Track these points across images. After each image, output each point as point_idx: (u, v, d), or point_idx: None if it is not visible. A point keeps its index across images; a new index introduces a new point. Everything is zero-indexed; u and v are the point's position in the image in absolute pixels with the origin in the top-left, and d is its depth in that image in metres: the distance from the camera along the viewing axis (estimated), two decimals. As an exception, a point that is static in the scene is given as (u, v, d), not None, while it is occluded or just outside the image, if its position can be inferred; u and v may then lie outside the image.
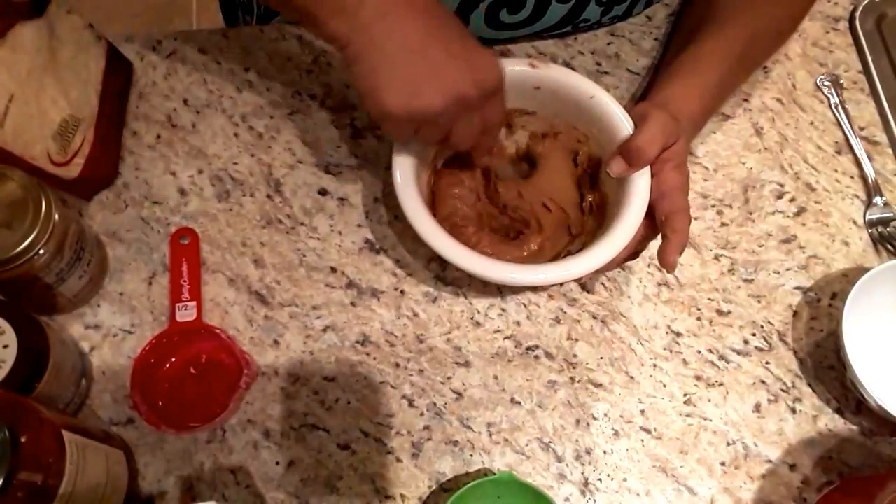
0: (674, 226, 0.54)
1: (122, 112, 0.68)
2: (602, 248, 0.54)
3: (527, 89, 0.59)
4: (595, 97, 0.58)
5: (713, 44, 0.62)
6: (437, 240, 0.54)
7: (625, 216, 0.54)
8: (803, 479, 0.57)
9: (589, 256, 0.54)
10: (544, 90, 0.59)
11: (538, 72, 0.59)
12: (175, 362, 0.59)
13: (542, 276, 0.54)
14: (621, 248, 0.54)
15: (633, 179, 0.55)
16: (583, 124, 0.60)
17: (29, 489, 0.41)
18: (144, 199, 0.66)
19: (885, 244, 0.65)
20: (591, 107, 0.58)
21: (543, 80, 0.59)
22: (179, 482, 0.56)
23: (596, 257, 0.53)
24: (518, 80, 0.58)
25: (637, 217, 0.54)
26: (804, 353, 0.61)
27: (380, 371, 0.60)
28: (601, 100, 0.58)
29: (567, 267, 0.54)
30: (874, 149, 0.68)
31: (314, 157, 0.67)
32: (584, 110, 0.59)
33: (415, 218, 0.54)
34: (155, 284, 0.62)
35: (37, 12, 0.57)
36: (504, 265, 0.54)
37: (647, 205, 0.55)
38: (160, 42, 0.72)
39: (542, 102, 0.61)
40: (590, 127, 0.60)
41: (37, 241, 0.52)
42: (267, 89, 0.70)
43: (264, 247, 0.64)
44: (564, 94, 0.59)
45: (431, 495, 0.56)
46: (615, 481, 0.57)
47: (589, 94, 0.58)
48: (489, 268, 0.54)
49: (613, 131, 0.57)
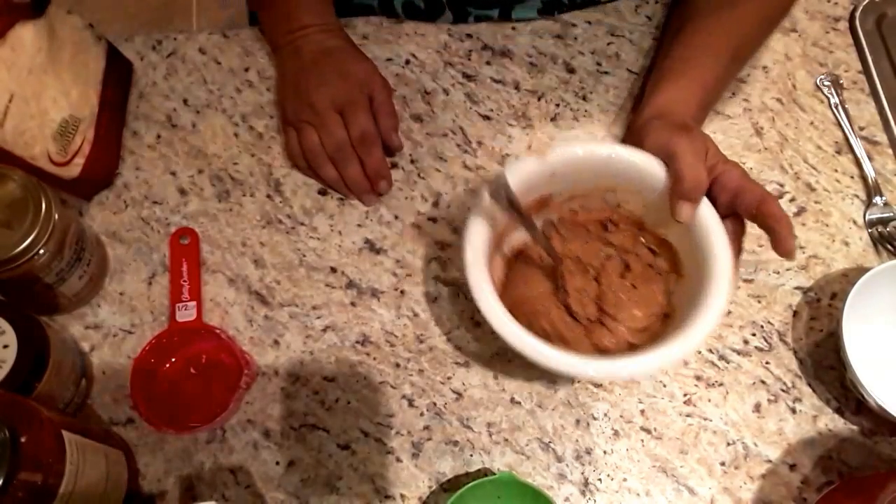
0: (768, 212, 0.51)
1: (122, 112, 0.68)
2: (711, 304, 0.50)
3: (543, 179, 0.56)
4: (613, 154, 0.55)
5: (701, 39, 0.61)
6: (506, 327, 0.50)
7: (713, 256, 0.51)
8: (803, 479, 0.57)
9: (704, 317, 0.49)
10: (559, 174, 0.56)
11: (549, 160, 0.55)
12: (175, 362, 0.59)
13: (653, 361, 0.49)
14: (728, 294, 0.50)
15: (699, 213, 0.53)
16: (606, 181, 0.57)
17: (29, 489, 0.41)
18: (144, 199, 0.66)
19: (885, 244, 0.65)
20: (610, 165, 0.55)
21: (555, 164, 0.55)
22: (179, 482, 0.56)
23: (710, 316, 0.49)
24: (532, 174, 0.54)
25: (725, 250, 0.51)
26: (804, 353, 0.61)
27: (380, 371, 0.60)
28: (620, 155, 0.55)
29: (681, 342, 0.49)
30: (874, 149, 0.68)
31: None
32: (605, 173, 0.56)
33: (482, 300, 0.50)
34: (155, 284, 0.62)
35: (37, 12, 0.57)
36: (600, 360, 0.50)
37: (719, 215, 0.52)
38: (160, 42, 0.72)
39: (562, 181, 0.57)
40: (615, 182, 0.57)
41: (37, 241, 0.52)
42: (267, 89, 0.70)
43: (264, 247, 0.64)
44: (581, 167, 0.56)
45: (431, 495, 0.56)
46: (615, 481, 0.57)
47: (606, 155, 0.55)
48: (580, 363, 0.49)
49: (644, 178, 0.55)
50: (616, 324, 0.55)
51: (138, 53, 0.71)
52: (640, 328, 0.55)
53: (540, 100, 0.70)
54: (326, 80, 0.65)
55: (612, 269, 0.58)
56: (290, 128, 0.66)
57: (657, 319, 0.56)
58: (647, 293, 0.56)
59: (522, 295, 0.57)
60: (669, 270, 0.57)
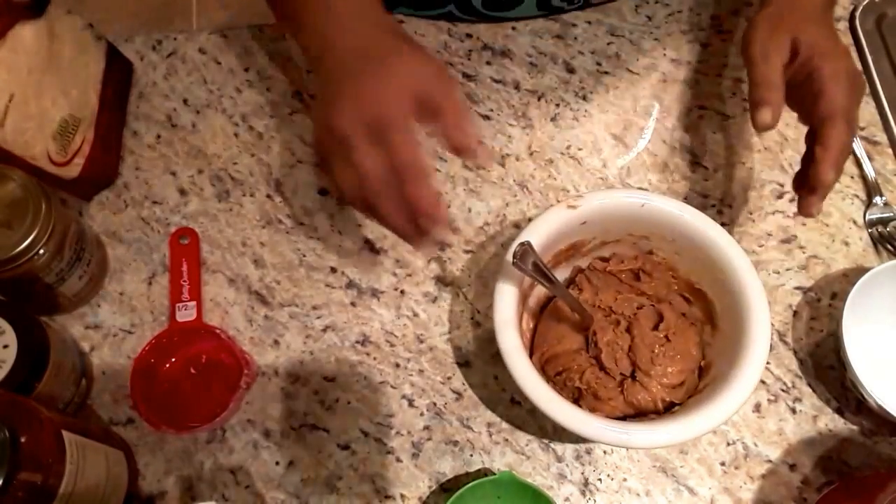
0: (824, 138, 0.45)
1: (122, 112, 0.68)
2: (751, 359, 0.49)
3: (574, 228, 0.55)
4: (645, 204, 0.54)
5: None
6: (538, 393, 0.49)
7: (749, 308, 0.50)
8: (803, 479, 0.57)
9: (744, 374, 0.48)
10: (590, 223, 0.55)
11: (580, 210, 0.54)
12: (175, 362, 0.59)
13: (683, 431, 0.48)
14: (766, 350, 0.49)
15: (735, 267, 0.51)
16: (638, 229, 0.57)
17: (29, 489, 0.41)
18: (144, 199, 0.66)
19: (885, 244, 0.65)
20: (643, 213, 0.54)
21: (586, 214, 0.54)
22: (179, 482, 0.56)
23: (750, 373, 0.48)
24: (563, 223, 0.54)
25: (762, 301, 0.50)
26: (804, 353, 0.61)
27: (380, 371, 0.60)
28: (652, 203, 0.54)
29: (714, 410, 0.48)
30: (874, 149, 0.68)
31: (314, 157, 0.67)
32: (638, 221, 0.55)
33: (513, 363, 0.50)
34: (155, 284, 0.62)
35: (37, 12, 0.57)
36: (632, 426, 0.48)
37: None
38: (160, 42, 0.72)
39: (593, 229, 0.57)
40: (648, 230, 0.56)
41: (37, 241, 0.52)
42: (267, 89, 0.70)
43: (264, 247, 0.64)
44: (614, 215, 0.55)
45: (431, 495, 0.56)
46: (615, 481, 0.57)
47: (639, 205, 0.54)
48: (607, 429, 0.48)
49: (676, 227, 0.54)
50: (649, 380, 0.54)
51: (138, 53, 0.71)
52: (674, 384, 0.54)
53: (540, 100, 0.70)
54: (352, 90, 0.47)
55: (644, 320, 0.56)
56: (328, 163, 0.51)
57: (692, 374, 0.55)
58: (682, 346, 0.55)
59: (553, 352, 0.57)
60: (704, 321, 0.57)
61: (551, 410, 0.48)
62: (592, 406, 0.54)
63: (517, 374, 0.49)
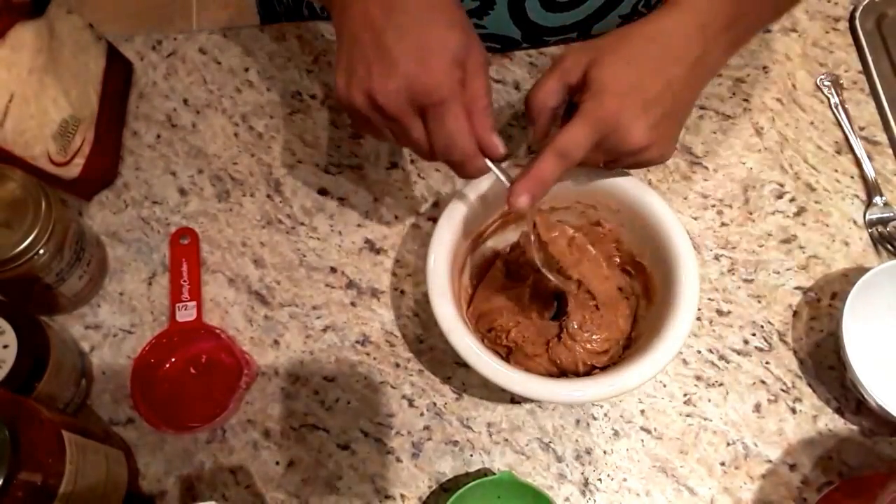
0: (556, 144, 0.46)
1: (122, 112, 0.68)
2: (673, 333, 0.50)
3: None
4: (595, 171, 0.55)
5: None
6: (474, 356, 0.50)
7: (681, 284, 0.51)
8: (803, 479, 0.57)
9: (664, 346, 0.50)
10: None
11: None
12: (175, 362, 0.59)
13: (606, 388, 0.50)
14: (690, 325, 0.51)
15: (669, 236, 0.53)
16: (587, 197, 0.58)
17: (29, 489, 0.41)
18: (144, 199, 0.66)
19: (885, 244, 0.65)
20: (590, 184, 0.56)
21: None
22: (179, 482, 0.56)
23: (670, 345, 0.50)
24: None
25: (695, 280, 0.51)
26: (804, 353, 0.61)
27: (380, 371, 0.60)
28: (604, 173, 0.55)
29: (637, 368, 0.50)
30: (874, 149, 0.68)
31: (314, 157, 0.67)
32: (584, 187, 0.56)
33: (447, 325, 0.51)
34: (155, 284, 0.62)
35: (37, 12, 0.57)
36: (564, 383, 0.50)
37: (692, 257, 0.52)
38: (160, 42, 0.72)
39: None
40: (596, 199, 0.57)
41: (37, 241, 0.52)
42: (267, 89, 0.70)
43: (264, 247, 0.64)
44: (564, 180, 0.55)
45: (431, 495, 0.56)
46: (615, 481, 0.57)
47: (586, 171, 0.55)
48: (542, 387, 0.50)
49: (623, 199, 0.55)
50: (574, 343, 0.56)
51: (138, 53, 0.71)
52: (598, 351, 0.56)
53: (540, 100, 0.70)
54: (397, 58, 0.43)
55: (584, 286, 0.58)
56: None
57: (617, 344, 0.57)
58: (610, 317, 0.57)
59: (483, 309, 0.58)
60: (641, 296, 0.58)
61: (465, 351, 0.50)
62: (521, 362, 0.56)
63: (459, 347, 0.51)
